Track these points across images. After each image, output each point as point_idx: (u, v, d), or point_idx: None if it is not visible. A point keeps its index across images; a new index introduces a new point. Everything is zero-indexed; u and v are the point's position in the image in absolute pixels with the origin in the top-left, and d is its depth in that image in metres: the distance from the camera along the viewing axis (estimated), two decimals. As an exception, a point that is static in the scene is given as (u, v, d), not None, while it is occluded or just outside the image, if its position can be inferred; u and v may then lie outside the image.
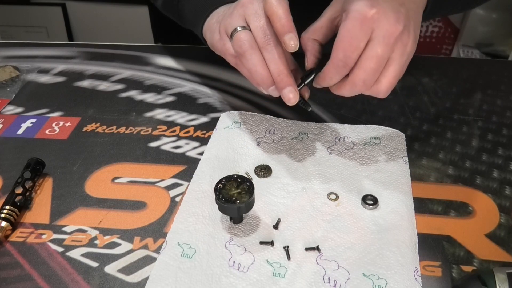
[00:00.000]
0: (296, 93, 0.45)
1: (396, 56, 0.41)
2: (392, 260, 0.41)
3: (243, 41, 0.45)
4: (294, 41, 0.42)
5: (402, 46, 0.41)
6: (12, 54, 0.76)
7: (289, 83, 0.44)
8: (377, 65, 0.41)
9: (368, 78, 0.41)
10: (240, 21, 0.46)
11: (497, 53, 1.66)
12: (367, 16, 0.39)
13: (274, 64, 0.44)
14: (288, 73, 0.45)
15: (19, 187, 0.47)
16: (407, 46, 0.42)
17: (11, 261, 0.42)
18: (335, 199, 0.47)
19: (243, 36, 0.45)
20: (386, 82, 0.42)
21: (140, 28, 1.85)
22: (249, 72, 0.46)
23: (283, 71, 0.44)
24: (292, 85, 0.45)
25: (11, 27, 1.93)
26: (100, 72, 0.71)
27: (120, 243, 0.44)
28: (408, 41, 0.42)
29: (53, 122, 0.60)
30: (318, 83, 0.45)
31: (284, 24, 0.42)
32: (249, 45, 0.45)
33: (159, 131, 0.58)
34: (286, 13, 0.42)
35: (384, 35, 0.40)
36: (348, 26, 0.40)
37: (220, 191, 0.41)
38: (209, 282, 0.39)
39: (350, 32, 0.40)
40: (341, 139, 0.55)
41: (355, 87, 0.42)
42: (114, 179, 0.51)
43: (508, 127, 0.59)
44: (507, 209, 0.47)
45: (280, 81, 0.45)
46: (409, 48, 0.42)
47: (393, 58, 0.41)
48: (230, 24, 0.47)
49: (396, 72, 0.42)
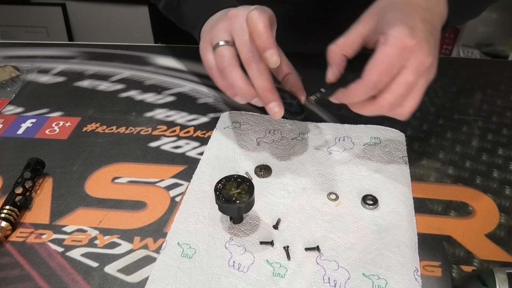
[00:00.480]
0: (281, 108, 0.45)
1: (421, 83, 0.43)
2: (392, 260, 0.41)
3: (223, 57, 0.46)
4: (275, 58, 0.43)
5: (427, 75, 0.43)
6: (12, 54, 0.76)
7: (274, 99, 0.45)
8: (406, 91, 0.42)
9: (395, 103, 0.43)
10: (225, 35, 0.47)
11: (497, 53, 1.66)
12: (407, 46, 0.41)
13: (258, 81, 0.45)
14: (272, 88, 0.45)
15: (19, 187, 0.47)
16: (431, 74, 0.43)
17: (11, 261, 0.42)
18: (335, 199, 0.47)
19: (224, 52, 0.46)
20: (409, 106, 0.43)
21: (140, 28, 1.85)
22: (230, 87, 0.47)
23: (266, 88, 0.45)
24: (276, 101, 0.45)
25: (11, 27, 1.93)
26: (100, 72, 0.71)
27: (120, 243, 0.44)
28: (433, 70, 0.43)
29: (53, 122, 0.60)
30: (339, 99, 0.46)
31: (264, 41, 0.43)
32: (229, 61, 0.46)
33: (159, 131, 0.58)
34: (266, 29, 0.43)
35: (418, 65, 0.41)
36: (388, 51, 0.41)
37: (220, 191, 0.41)
38: (209, 282, 0.39)
39: (389, 58, 0.41)
40: (341, 139, 0.55)
41: (381, 109, 0.43)
42: (114, 179, 0.51)
43: (508, 127, 0.59)
44: (507, 209, 0.47)
45: (265, 97, 0.45)
46: (432, 75, 0.44)
47: (418, 85, 0.42)
48: (215, 37, 0.48)
49: (419, 98, 0.43)
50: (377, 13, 0.45)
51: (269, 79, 0.45)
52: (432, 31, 0.44)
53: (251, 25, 0.43)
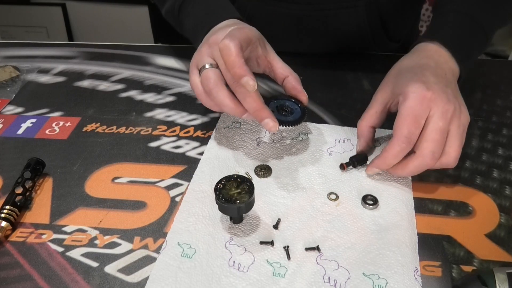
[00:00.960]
0: (274, 122, 0.46)
1: (454, 128, 0.45)
2: (392, 260, 0.41)
3: (209, 79, 0.47)
4: (251, 82, 0.44)
5: (457, 119, 0.45)
6: (12, 54, 0.76)
7: (266, 116, 0.46)
8: (441, 136, 0.44)
9: (436, 150, 0.44)
10: (209, 59, 0.49)
11: (497, 53, 1.66)
12: (426, 96, 0.45)
13: (247, 103, 0.46)
14: (262, 107, 0.46)
15: (19, 187, 0.47)
16: (461, 118, 0.46)
17: (11, 261, 0.42)
18: (335, 199, 0.47)
19: (210, 74, 0.48)
20: (453, 151, 0.45)
21: (140, 28, 1.85)
22: (218, 106, 0.49)
23: (256, 108, 0.46)
24: (269, 117, 0.46)
25: (11, 27, 1.93)
26: (100, 72, 0.71)
27: (120, 243, 0.44)
28: (461, 114, 0.46)
29: (53, 122, 0.60)
30: (378, 166, 0.48)
31: (237, 71, 0.44)
32: (214, 83, 0.47)
33: (159, 131, 0.58)
34: (237, 57, 0.44)
35: (442, 112, 0.45)
36: (410, 104, 0.45)
37: (220, 191, 0.41)
38: (209, 282, 0.39)
39: (413, 109, 0.45)
40: (341, 141, 0.55)
41: (424, 159, 0.45)
42: (114, 179, 0.51)
43: (508, 127, 0.59)
44: (507, 209, 0.47)
45: (257, 116, 0.47)
46: (463, 119, 0.46)
47: (452, 130, 0.45)
48: (200, 61, 0.50)
49: (459, 142, 0.45)
50: (392, 80, 0.50)
51: (257, 99, 0.46)
52: (446, 83, 0.48)
53: (223, 57, 0.45)
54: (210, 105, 0.50)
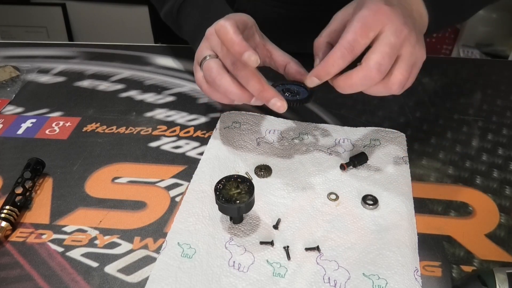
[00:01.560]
0: (282, 101, 0.45)
1: (406, 53, 0.42)
2: (392, 260, 0.41)
3: (211, 69, 0.47)
4: (252, 58, 0.43)
5: (410, 46, 0.42)
6: (12, 54, 0.76)
7: (271, 95, 0.45)
8: (391, 51, 0.41)
9: (383, 62, 0.41)
10: (208, 51, 0.48)
11: (497, 53, 1.66)
12: (382, 10, 0.42)
13: (250, 85, 0.45)
14: (266, 87, 0.45)
15: (19, 187, 0.47)
16: (415, 48, 0.43)
17: (11, 261, 0.42)
18: (335, 199, 0.47)
19: (211, 64, 0.47)
20: (399, 74, 0.42)
21: (140, 28, 1.85)
22: (224, 95, 0.48)
23: (260, 89, 0.45)
24: (275, 96, 0.45)
25: (11, 27, 1.93)
26: (100, 72, 0.71)
27: (120, 243, 0.44)
28: (416, 44, 0.43)
29: (53, 122, 0.60)
30: (318, 74, 0.44)
31: (236, 47, 0.43)
32: (216, 71, 0.46)
33: (159, 131, 0.58)
34: (235, 34, 0.43)
35: (396, 29, 0.41)
36: (364, 13, 0.42)
37: (220, 191, 0.41)
38: (209, 282, 0.39)
39: (364, 18, 0.42)
40: (340, 141, 0.55)
41: (370, 71, 0.41)
42: (114, 179, 0.51)
43: (508, 127, 0.59)
44: (507, 209, 0.47)
45: (262, 98, 0.45)
46: (418, 52, 0.43)
47: (404, 55, 0.42)
48: (200, 55, 0.49)
49: (407, 67, 0.42)
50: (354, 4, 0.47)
51: (259, 80, 0.45)
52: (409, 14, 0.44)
53: (221, 37, 0.44)
54: (217, 97, 0.49)
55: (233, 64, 0.46)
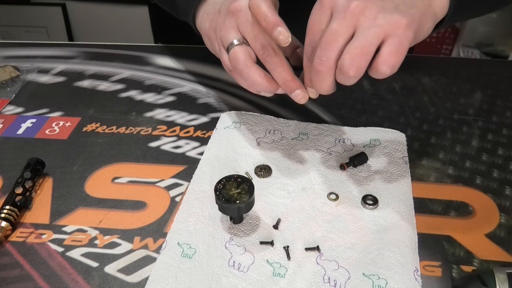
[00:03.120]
0: (305, 94, 0.45)
1: (360, 29, 0.38)
2: (392, 260, 0.41)
3: (238, 60, 0.45)
4: (283, 36, 0.42)
5: (366, 20, 0.38)
6: (12, 54, 0.76)
7: (296, 87, 0.45)
8: (331, 38, 0.39)
9: (323, 54, 0.39)
10: (234, 34, 0.46)
11: (497, 53, 1.66)
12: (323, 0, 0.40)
13: (277, 74, 0.45)
14: (292, 78, 0.45)
15: (19, 187, 0.47)
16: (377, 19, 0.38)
17: (11, 261, 0.42)
18: (335, 199, 0.47)
19: (237, 54, 0.45)
20: (347, 56, 0.38)
21: (140, 28, 1.85)
22: (252, 85, 0.47)
23: (287, 78, 0.45)
24: (300, 87, 0.45)
25: (11, 27, 1.93)
26: (100, 72, 0.71)
27: (120, 243, 0.44)
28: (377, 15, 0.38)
29: (53, 122, 0.60)
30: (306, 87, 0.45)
31: (270, 21, 0.42)
32: (243, 63, 0.45)
33: (159, 131, 0.58)
34: (269, 9, 0.42)
35: (340, 10, 0.39)
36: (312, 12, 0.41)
37: (220, 191, 0.41)
38: (209, 282, 0.39)
39: (312, 16, 0.41)
40: (340, 141, 0.55)
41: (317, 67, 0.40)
42: (114, 179, 0.51)
43: (508, 127, 0.59)
44: (507, 209, 0.47)
45: (287, 88, 0.45)
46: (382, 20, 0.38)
47: (357, 32, 0.38)
48: (225, 37, 0.47)
49: (360, 45, 0.38)
50: None
51: (287, 70, 0.44)
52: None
53: (254, 11, 0.43)
54: (243, 84, 0.48)
55: (263, 48, 0.45)
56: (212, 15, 0.51)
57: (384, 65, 0.38)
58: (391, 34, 0.38)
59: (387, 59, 0.38)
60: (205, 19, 0.52)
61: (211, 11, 0.52)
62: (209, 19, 0.52)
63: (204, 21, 0.53)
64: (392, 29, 0.38)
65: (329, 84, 0.41)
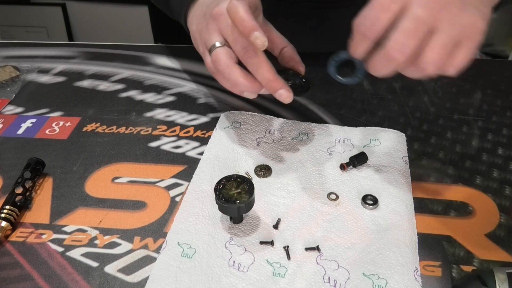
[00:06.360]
0: (289, 92, 0.45)
1: (443, 26, 0.35)
2: (392, 260, 0.41)
3: (219, 61, 0.46)
4: (260, 40, 0.42)
5: (449, 14, 0.35)
6: (12, 54, 0.76)
7: (279, 86, 0.45)
8: (417, 27, 0.35)
9: (408, 43, 0.35)
10: (216, 37, 0.47)
11: (497, 53, 1.65)
12: None
13: (259, 74, 0.45)
14: (275, 77, 0.45)
15: (19, 187, 0.47)
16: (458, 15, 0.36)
17: (11, 261, 0.42)
18: (335, 199, 0.47)
19: (219, 55, 0.46)
20: (432, 53, 0.36)
21: (140, 28, 1.85)
22: (234, 86, 0.47)
23: (269, 78, 0.45)
24: (283, 87, 0.45)
25: (11, 27, 1.93)
26: (100, 72, 0.71)
27: (120, 243, 0.44)
28: (459, 11, 0.36)
29: (53, 122, 0.60)
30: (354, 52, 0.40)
31: (246, 26, 0.42)
32: (225, 64, 0.46)
33: (159, 131, 0.58)
34: (246, 13, 0.42)
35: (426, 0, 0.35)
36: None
37: (220, 191, 0.41)
38: (209, 282, 0.39)
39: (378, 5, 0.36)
40: (340, 141, 0.55)
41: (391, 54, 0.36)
42: (114, 179, 0.51)
43: (508, 127, 0.59)
44: (507, 209, 0.47)
45: (270, 88, 0.45)
46: (463, 19, 0.36)
47: (439, 27, 0.36)
48: (208, 40, 0.48)
49: (444, 42, 0.36)
50: None
51: (269, 70, 0.45)
52: None
53: (231, 16, 0.43)
54: (227, 85, 0.48)
55: (243, 49, 0.45)
56: (199, 18, 0.52)
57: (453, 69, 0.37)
58: (469, 38, 0.36)
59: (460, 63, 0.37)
60: (193, 21, 0.53)
61: (199, 13, 0.53)
62: (196, 21, 0.53)
63: (193, 23, 0.54)
64: (472, 33, 0.36)
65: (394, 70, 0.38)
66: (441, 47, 0.36)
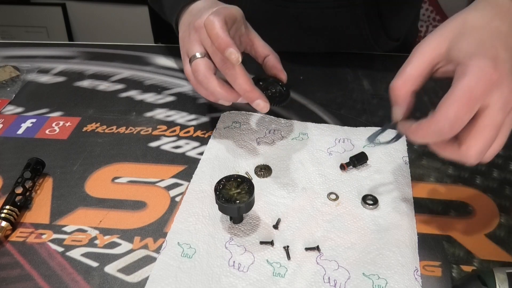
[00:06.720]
0: (265, 102, 0.47)
1: (508, 123, 0.37)
2: (392, 260, 0.41)
3: (198, 71, 0.48)
4: (234, 56, 0.44)
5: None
6: (12, 54, 0.76)
7: (256, 96, 0.47)
8: (495, 135, 0.36)
9: (484, 149, 0.36)
10: (198, 47, 0.49)
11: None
12: (491, 77, 0.35)
13: (237, 85, 0.47)
14: (252, 88, 0.47)
15: (19, 187, 0.47)
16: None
17: (11, 261, 0.42)
18: (335, 199, 0.47)
19: (198, 66, 0.48)
20: (492, 151, 0.37)
21: (140, 28, 1.85)
22: (211, 95, 0.50)
23: (246, 89, 0.47)
24: (259, 97, 0.47)
25: (11, 27, 1.93)
26: (100, 72, 0.71)
27: (120, 243, 0.44)
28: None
29: (53, 122, 0.60)
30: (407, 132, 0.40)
31: (221, 42, 0.44)
32: (203, 75, 0.48)
33: (159, 131, 0.58)
34: (221, 30, 0.44)
35: (505, 102, 0.35)
36: (469, 83, 0.35)
37: (220, 191, 0.41)
38: (209, 282, 0.39)
39: (470, 90, 0.35)
40: (341, 141, 0.55)
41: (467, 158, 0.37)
42: (114, 179, 0.51)
43: (508, 127, 0.58)
44: (507, 209, 0.47)
45: (247, 98, 0.47)
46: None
47: (504, 125, 0.37)
48: (189, 50, 0.50)
49: (504, 140, 0.37)
50: (450, 37, 0.39)
51: (246, 81, 0.47)
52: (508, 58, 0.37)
53: (208, 31, 0.45)
54: (203, 93, 0.51)
55: (222, 61, 0.47)
56: (185, 26, 0.54)
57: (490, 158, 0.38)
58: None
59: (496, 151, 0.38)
60: (182, 29, 0.55)
61: (187, 22, 0.54)
62: (183, 29, 0.55)
63: (181, 30, 0.55)
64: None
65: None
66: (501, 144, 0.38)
